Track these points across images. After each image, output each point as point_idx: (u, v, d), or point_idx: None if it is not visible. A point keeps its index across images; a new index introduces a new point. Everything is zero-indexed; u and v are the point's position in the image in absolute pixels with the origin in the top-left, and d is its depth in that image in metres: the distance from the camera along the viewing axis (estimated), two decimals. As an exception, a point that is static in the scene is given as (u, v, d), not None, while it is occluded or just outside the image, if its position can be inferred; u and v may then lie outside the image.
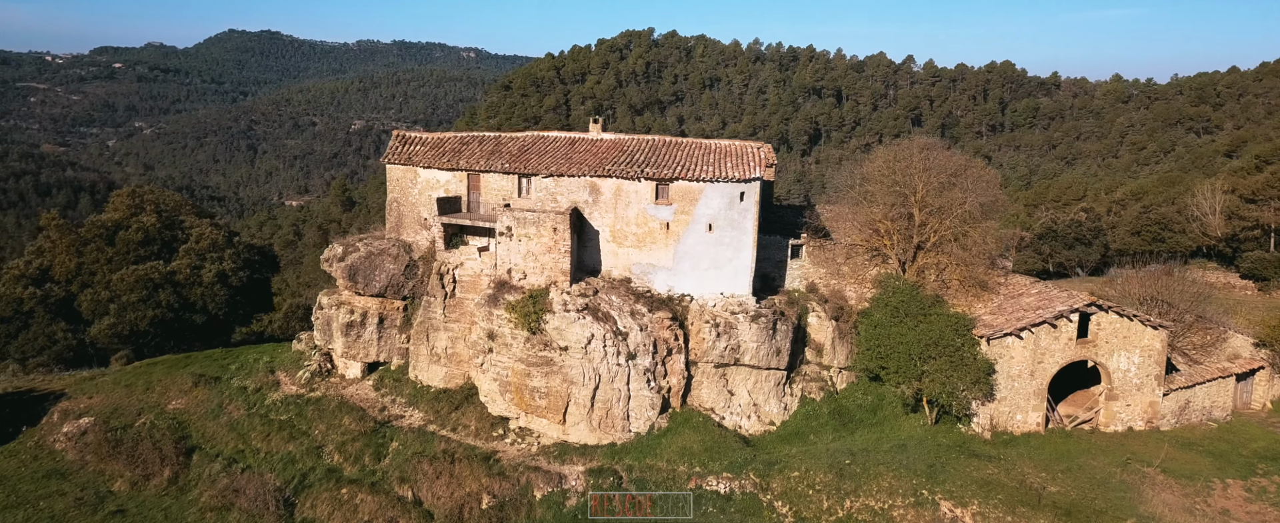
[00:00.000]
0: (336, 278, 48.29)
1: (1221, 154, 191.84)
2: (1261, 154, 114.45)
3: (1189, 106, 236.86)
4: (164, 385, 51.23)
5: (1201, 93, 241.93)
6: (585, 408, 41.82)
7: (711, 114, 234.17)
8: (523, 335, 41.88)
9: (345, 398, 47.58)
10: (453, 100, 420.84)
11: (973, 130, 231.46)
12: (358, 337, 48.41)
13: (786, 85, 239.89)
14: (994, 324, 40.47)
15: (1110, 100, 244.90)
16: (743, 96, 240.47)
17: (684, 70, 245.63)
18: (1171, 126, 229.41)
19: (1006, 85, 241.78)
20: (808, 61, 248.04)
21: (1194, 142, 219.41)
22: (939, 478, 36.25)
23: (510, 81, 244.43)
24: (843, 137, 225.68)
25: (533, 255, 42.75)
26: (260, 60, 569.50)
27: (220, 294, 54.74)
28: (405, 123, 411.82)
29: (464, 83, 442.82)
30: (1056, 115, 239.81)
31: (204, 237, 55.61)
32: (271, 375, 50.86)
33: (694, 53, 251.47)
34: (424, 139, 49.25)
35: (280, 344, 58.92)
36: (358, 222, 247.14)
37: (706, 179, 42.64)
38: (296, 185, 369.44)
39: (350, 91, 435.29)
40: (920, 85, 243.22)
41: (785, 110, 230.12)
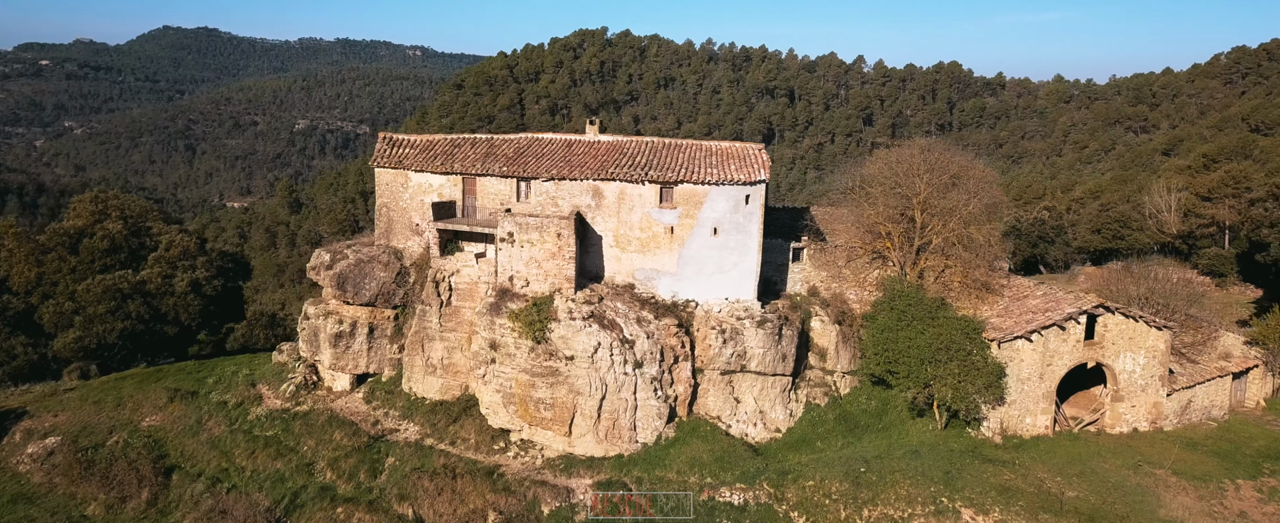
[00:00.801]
0: (324, 287, 46.34)
1: (1159, 152, 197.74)
2: (1208, 152, 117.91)
3: (1127, 106, 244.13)
4: (136, 401, 48.66)
5: (1138, 93, 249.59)
6: (592, 419, 40.67)
7: (667, 114, 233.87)
8: (527, 345, 40.57)
9: (335, 412, 45.69)
10: (400, 99, 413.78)
11: (922, 130, 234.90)
12: (347, 348, 46.51)
13: (740, 85, 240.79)
14: (1003, 327, 40.43)
15: (1053, 100, 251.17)
16: (697, 96, 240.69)
17: (638, 70, 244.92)
18: (1111, 126, 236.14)
19: (954, 85, 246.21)
20: (760, 62, 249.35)
21: (1133, 140, 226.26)
22: (957, 485, 35.94)
23: (462, 80, 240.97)
24: (796, 136, 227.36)
25: (536, 262, 41.46)
26: (197, 58, 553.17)
27: (194, 304, 52.19)
28: (351, 122, 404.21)
29: (411, 81, 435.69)
30: (1002, 115, 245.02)
31: (174, 244, 52.95)
32: (252, 389, 48.64)
33: (648, 52, 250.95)
34: (413, 141, 47.56)
35: (256, 356, 56.55)
36: (307, 224, 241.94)
37: (711, 182, 41.83)
38: (238, 186, 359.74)
39: (293, 90, 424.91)
40: (871, 85, 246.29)
41: (739, 110, 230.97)
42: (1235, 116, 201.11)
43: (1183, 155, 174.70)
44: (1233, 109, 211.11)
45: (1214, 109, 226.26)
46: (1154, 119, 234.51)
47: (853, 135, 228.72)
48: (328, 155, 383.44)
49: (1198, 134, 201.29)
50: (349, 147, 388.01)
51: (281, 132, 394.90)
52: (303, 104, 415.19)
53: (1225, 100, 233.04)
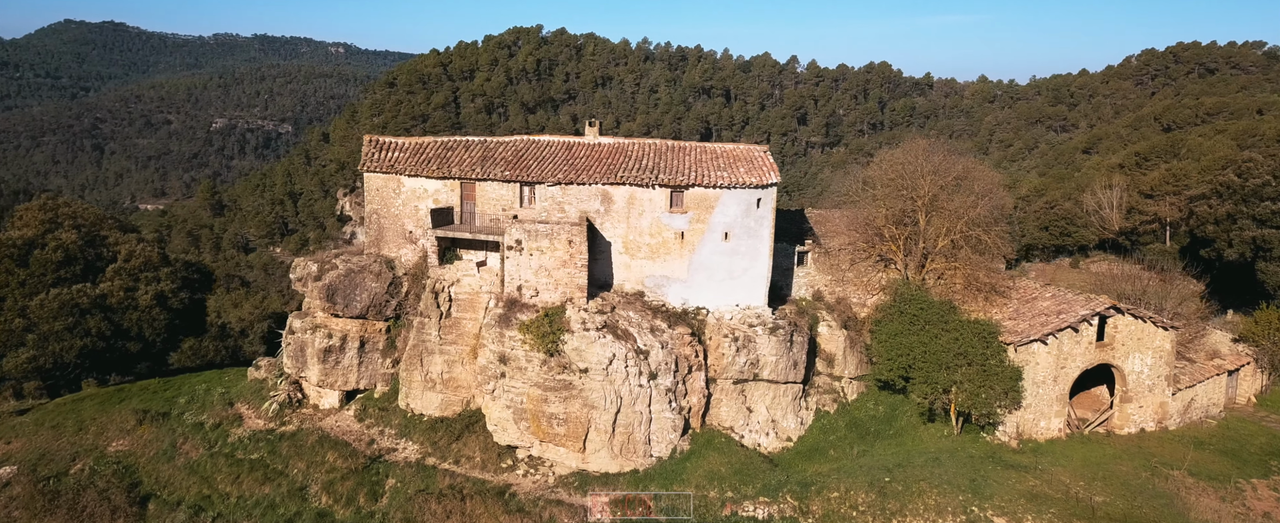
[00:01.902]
0: (312, 299, 43.72)
1: (1080, 150, 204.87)
2: (1141, 151, 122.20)
3: (1047, 106, 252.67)
4: (100, 425, 45.21)
5: (1057, 93, 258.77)
6: (606, 434, 39.21)
7: (605, 113, 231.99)
8: (539, 358, 38.87)
9: (325, 431, 43.15)
10: (324, 97, 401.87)
11: (855, 129, 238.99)
12: (336, 363, 43.99)
13: (677, 85, 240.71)
14: (1017, 330, 40.48)
15: (978, 100, 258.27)
16: (635, 96, 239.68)
17: (575, 69, 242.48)
18: (1033, 125, 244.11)
19: (885, 85, 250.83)
20: (696, 61, 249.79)
21: (1055, 139, 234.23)
22: (984, 493, 35.65)
23: (394, 78, 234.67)
24: (733, 135, 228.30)
25: (546, 270, 39.78)
26: (103, 53, 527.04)
27: (160, 318, 48.71)
28: (272, 121, 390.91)
29: (335, 79, 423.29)
30: (931, 114, 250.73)
31: (135, 254, 49.33)
32: (231, 408, 45.68)
33: (584, 51, 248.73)
34: (402, 144, 45.29)
35: (225, 371, 53.29)
36: (232, 227, 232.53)
37: (723, 185, 40.84)
38: (152, 188, 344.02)
39: (209, 88, 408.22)
40: (805, 85, 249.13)
41: (678, 110, 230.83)
42: (1148, 116, 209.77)
43: (1104, 153, 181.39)
44: (1146, 109, 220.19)
45: (1128, 109, 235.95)
46: (1073, 118, 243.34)
47: (788, 135, 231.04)
48: (248, 155, 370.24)
49: (1115, 133, 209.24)
50: (270, 146, 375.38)
51: (197, 131, 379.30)
52: (220, 102, 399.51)
53: (1138, 100, 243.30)
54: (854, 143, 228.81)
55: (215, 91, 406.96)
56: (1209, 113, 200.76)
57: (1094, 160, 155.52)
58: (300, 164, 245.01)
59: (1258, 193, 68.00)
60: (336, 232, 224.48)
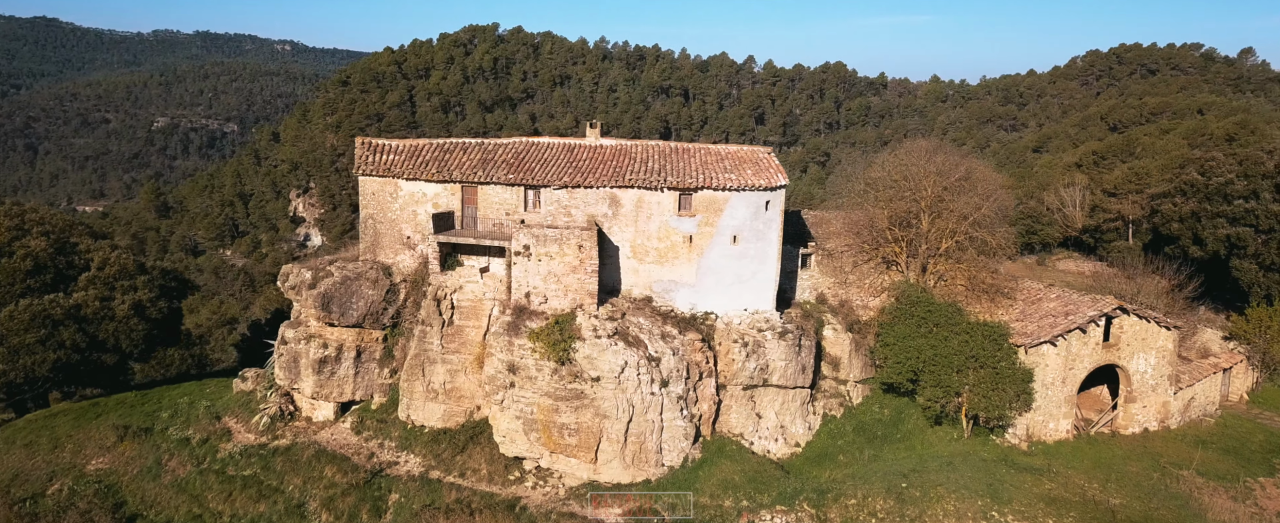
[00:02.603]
0: (306, 308, 42.06)
1: (1031, 149, 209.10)
2: (1098, 150, 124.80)
3: (997, 106, 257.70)
4: (77, 442, 43.06)
5: (1006, 93, 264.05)
6: (618, 444, 38.33)
7: (564, 112, 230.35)
8: (550, 367, 37.83)
9: (321, 445, 41.56)
10: (270, 96, 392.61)
11: (812, 128, 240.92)
12: (331, 374, 42.40)
13: (636, 84, 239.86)
14: (1026, 331, 40.59)
15: (931, 100, 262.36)
16: (594, 95, 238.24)
17: (533, 67, 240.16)
18: (985, 124, 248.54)
19: (840, 85, 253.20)
20: (655, 61, 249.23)
21: (1006, 137, 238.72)
22: (1002, 497, 35.51)
23: (348, 77, 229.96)
24: (692, 135, 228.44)
25: (555, 276, 38.74)
26: (34, 50, 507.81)
27: (138, 329, 46.44)
28: (217, 120, 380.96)
29: (282, 77, 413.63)
30: (886, 113, 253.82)
31: (109, 262, 46.96)
32: (218, 423, 43.81)
33: (542, 50, 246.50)
34: (396, 147, 43.83)
35: (204, 383, 51.17)
36: (180, 229, 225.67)
37: (732, 188, 40.23)
38: (90, 189, 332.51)
39: (149, 86, 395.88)
40: (762, 85, 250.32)
41: (637, 109, 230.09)
42: (1095, 116, 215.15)
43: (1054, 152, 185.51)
44: (1092, 109, 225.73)
45: (1075, 108, 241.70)
46: (1022, 117, 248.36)
47: (746, 134, 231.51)
48: (192, 155, 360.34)
49: (1064, 132, 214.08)
50: (215, 146, 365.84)
51: (138, 130, 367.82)
52: (161, 100, 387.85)
53: (1084, 100, 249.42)
54: (811, 142, 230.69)
55: (156, 90, 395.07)
56: (1153, 112, 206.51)
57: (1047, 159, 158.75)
58: (250, 164, 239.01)
59: (1221, 191, 69.64)
60: (290, 234, 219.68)
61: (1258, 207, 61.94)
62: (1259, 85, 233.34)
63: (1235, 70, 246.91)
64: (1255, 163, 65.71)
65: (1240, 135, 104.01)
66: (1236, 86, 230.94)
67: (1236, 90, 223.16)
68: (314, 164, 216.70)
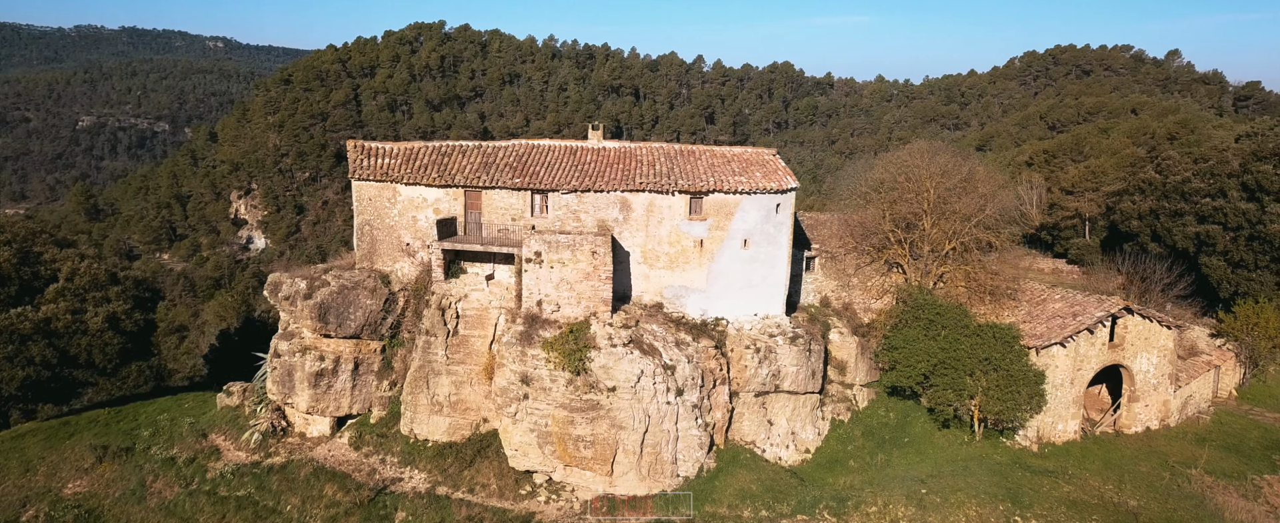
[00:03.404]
0: (301, 319, 40.15)
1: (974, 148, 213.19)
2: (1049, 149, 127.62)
3: (940, 105, 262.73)
4: (50, 464, 40.47)
5: (949, 93, 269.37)
6: (634, 455, 37.37)
7: (514, 111, 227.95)
8: (564, 377, 36.69)
9: (319, 462, 39.73)
10: (204, 94, 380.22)
11: (761, 128, 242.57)
12: (328, 387, 40.59)
13: (586, 83, 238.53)
14: (1035, 333, 40.77)
15: (876, 99, 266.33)
16: (544, 93, 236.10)
17: (481, 66, 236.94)
18: (929, 123, 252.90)
19: (788, 85, 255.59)
20: (604, 60, 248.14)
21: (950, 136, 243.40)
22: (1023, 501, 35.44)
23: (290, 75, 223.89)
24: (644, 134, 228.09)
25: (567, 283, 37.60)
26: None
27: (112, 343, 43.88)
28: (146, 119, 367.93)
29: (215, 75, 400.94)
30: (833, 113, 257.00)
31: (80, 272, 44.28)
32: (204, 440, 41.63)
33: (489, 48, 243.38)
34: (391, 150, 42.16)
35: (182, 398, 48.67)
36: (114, 232, 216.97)
37: (743, 191, 39.59)
38: (10, 191, 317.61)
39: (73, 83, 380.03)
40: (711, 85, 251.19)
41: (588, 108, 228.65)
42: (1034, 115, 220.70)
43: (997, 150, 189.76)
44: (1032, 108, 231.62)
45: (1015, 107, 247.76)
46: (965, 117, 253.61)
47: (697, 134, 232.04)
48: (121, 155, 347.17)
49: (1006, 131, 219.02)
50: (146, 146, 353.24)
51: (61, 129, 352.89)
52: (86, 98, 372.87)
53: (1023, 100, 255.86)
54: (761, 141, 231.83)
55: (80, 87, 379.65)
56: (1090, 112, 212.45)
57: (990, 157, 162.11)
58: (187, 165, 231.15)
59: (1179, 189, 71.58)
60: (232, 237, 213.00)
61: (1226, 205, 63.72)
62: (1185, 86, 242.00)
63: (1163, 71, 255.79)
64: (1220, 162, 67.61)
65: (1181, 134, 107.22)
66: (1165, 87, 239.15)
67: (1165, 91, 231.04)
68: (256, 165, 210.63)
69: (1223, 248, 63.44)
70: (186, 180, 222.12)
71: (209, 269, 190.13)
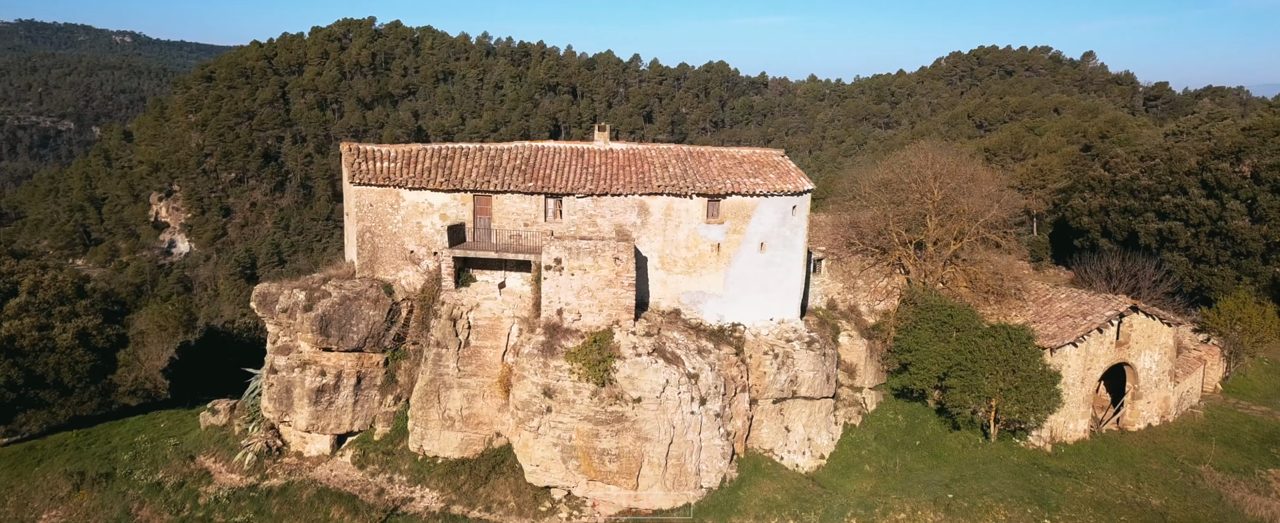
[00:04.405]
0: (300, 332, 37.81)
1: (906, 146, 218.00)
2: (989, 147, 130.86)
3: (872, 105, 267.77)
4: (20, 493, 37.35)
5: (879, 92, 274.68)
6: (660, 467, 36.23)
7: (449, 109, 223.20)
8: (589, 389, 35.31)
9: (322, 483, 37.48)
10: (112, 91, 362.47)
11: (698, 126, 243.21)
12: (329, 404, 38.35)
13: (522, 81, 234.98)
14: (1047, 333, 41.08)
15: (810, 98, 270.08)
16: (479, 92, 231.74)
17: (414, 63, 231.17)
18: (861, 122, 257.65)
19: (724, 84, 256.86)
20: (540, 58, 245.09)
21: (882, 135, 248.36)
22: (1050, 504, 35.36)
23: (212, 72, 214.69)
24: (583, 133, 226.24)
25: (589, 291, 36.24)
26: None
27: (83, 360, 40.62)
28: (49, 117, 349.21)
29: (124, 71, 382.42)
30: (768, 112, 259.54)
31: (44, 285, 40.87)
32: (192, 463, 38.92)
33: (422, 45, 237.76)
34: (390, 153, 40.11)
35: (154, 416, 45.49)
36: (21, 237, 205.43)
37: (760, 193, 38.85)
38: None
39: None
40: (649, 83, 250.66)
41: (525, 106, 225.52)
42: (962, 114, 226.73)
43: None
44: (959, 107, 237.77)
45: (943, 106, 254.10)
46: (895, 115, 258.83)
47: (635, 132, 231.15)
48: (21, 156, 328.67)
49: (935, 129, 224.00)
50: (49, 145, 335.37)
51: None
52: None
53: (950, 99, 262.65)
54: (699, 141, 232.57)
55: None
56: (1015, 111, 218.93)
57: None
58: (100, 166, 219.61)
59: (1127, 186, 73.93)
60: (153, 241, 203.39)
61: (1187, 202, 65.92)
62: (1100, 86, 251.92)
63: (1080, 72, 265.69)
64: (1179, 160, 69.92)
65: (1111, 132, 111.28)
66: (1082, 87, 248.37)
67: (1082, 90, 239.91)
68: (177, 165, 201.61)
69: (1185, 244, 65.62)
70: (101, 182, 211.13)
71: (130, 275, 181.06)
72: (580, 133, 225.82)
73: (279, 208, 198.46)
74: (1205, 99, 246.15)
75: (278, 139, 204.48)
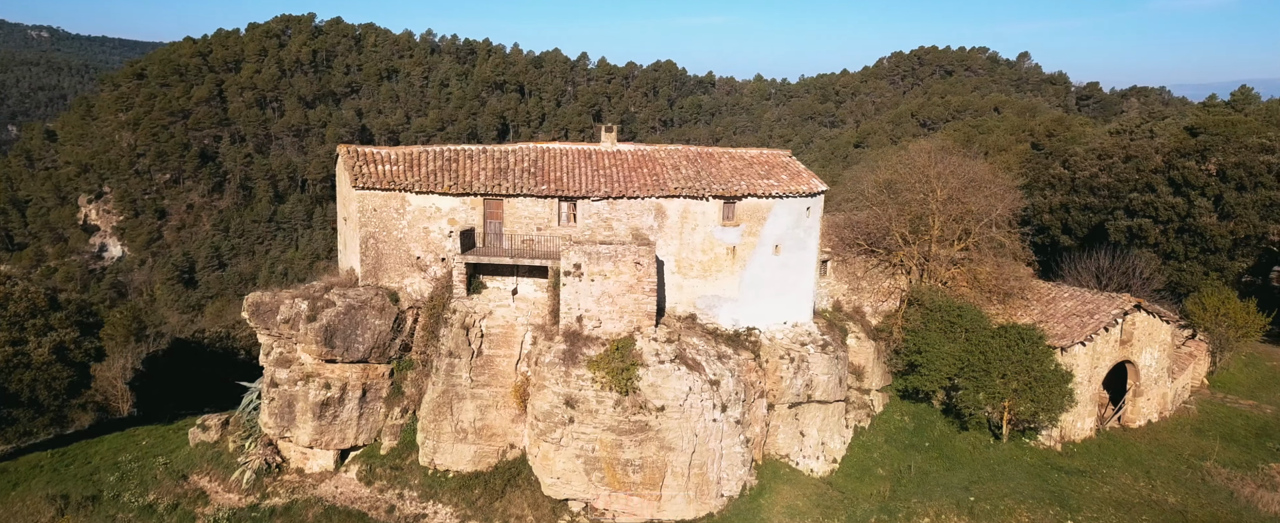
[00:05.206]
0: (304, 344, 35.93)
1: (852, 145, 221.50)
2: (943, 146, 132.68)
3: (817, 104, 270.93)
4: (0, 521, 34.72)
5: (824, 91, 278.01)
6: (683, 477, 35.33)
7: (393, 108, 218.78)
8: (612, 398, 34.22)
9: (328, 501, 35.72)
10: (29, 89, 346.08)
11: (648, 126, 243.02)
12: (334, 417, 36.56)
13: (468, 79, 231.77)
14: (1055, 332, 41.35)
15: (756, 97, 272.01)
16: (424, 90, 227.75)
17: (357, 61, 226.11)
18: (807, 121, 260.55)
19: (672, 83, 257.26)
20: (486, 56, 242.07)
21: (828, 134, 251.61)
22: (1072, 505, 35.36)
23: (144, 69, 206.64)
24: (531, 132, 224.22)
25: (609, 297, 35.16)
26: None
27: (61, 376, 37.99)
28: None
29: (42, 67, 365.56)
30: (716, 111, 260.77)
31: (14, 297, 38.12)
32: (185, 483, 36.77)
33: (364, 42, 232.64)
34: (391, 156, 38.44)
35: (132, 433, 42.94)
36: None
37: (775, 195, 38.27)
38: None
39: None
40: (597, 82, 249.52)
41: (472, 105, 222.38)
42: (906, 113, 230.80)
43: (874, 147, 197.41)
44: (903, 106, 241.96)
45: (886, 106, 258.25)
46: (840, 115, 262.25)
47: (585, 131, 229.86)
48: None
49: (881, 129, 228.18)
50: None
51: None
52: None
53: (893, 98, 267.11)
54: (649, 140, 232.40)
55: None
56: (957, 110, 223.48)
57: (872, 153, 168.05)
58: (21, 166, 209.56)
59: (1087, 184, 75.71)
60: (83, 245, 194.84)
61: (1155, 199, 67.58)
62: (1036, 86, 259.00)
63: (1016, 72, 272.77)
64: (1145, 158, 71.74)
65: (1058, 131, 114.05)
66: (1018, 87, 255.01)
67: (1019, 90, 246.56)
68: (108, 166, 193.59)
69: (1154, 240, 67.28)
70: (23, 183, 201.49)
71: (59, 280, 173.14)
72: (529, 132, 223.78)
73: (218, 210, 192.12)
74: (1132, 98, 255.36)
75: (215, 138, 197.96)
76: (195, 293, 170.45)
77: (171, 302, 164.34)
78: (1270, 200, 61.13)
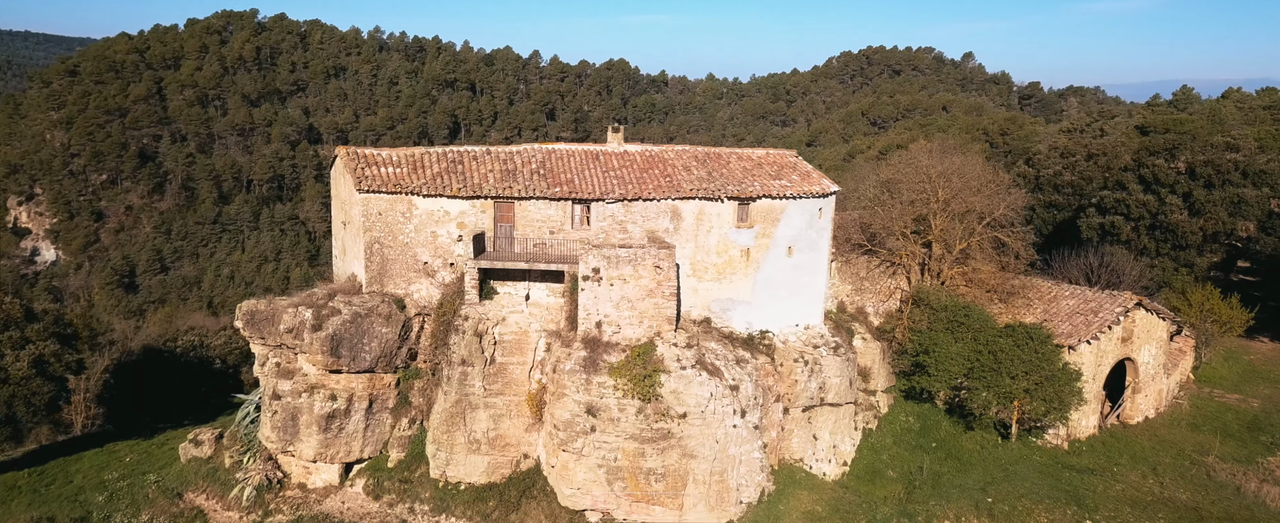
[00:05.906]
0: (309, 354, 34.26)
1: (805, 144, 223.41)
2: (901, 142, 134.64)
3: (769, 103, 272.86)
4: (-23, 551, 32.46)
5: (775, 91, 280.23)
6: (704, 485, 34.60)
7: (342, 106, 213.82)
8: (634, 405, 33.30)
9: (335, 517, 34.16)
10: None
11: (601, 125, 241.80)
12: (340, 430, 34.97)
13: (418, 77, 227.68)
14: (1060, 331, 41.58)
15: (709, 97, 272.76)
16: (373, 88, 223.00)
17: (303, 58, 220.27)
18: (759, 120, 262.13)
19: (625, 82, 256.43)
20: (436, 53, 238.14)
21: (780, 132, 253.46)
22: (1088, 504, 35.46)
23: (76, 65, 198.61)
24: (484, 131, 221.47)
25: (629, 302, 34.20)
26: None
27: (42, 391, 35.69)
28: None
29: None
30: (669, 110, 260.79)
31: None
32: (180, 501, 34.86)
33: (310, 39, 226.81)
34: (393, 158, 36.98)
35: (113, 448, 40.60)
36: None
37: (789, 196, 37.77)
38: None
39: None
40: (550, 81, 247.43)
41: (423, 103, 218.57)
42: (856, 112, 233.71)
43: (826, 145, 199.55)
44: (853, 105, 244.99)
45: (837, 105, 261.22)
46: (792, 114, 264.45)
47: (538, 130, 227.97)
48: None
49: (832, 127, 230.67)
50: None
51: None
52: None
53: (843, 97, 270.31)
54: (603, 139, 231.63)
55: None
56: (906, 109, 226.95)
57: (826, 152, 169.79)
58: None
59: (1051, 182, 77.18)
60: (14, 248, 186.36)
61: (1127, 197, 69.00)
62: (980, 85, 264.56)
63: (961, 71, 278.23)
64: (1114, 156, 73.22)
65: (1011, 129, 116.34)
66: (964, 86, 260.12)
67: (964, 89, 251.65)
68: (39, 166, 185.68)
69: (1125, 237, 68.69)
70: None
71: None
72: (481, 131, 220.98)
73: (159, 211, 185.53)
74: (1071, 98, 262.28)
75: (155, 138, 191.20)
76: (136, 298, 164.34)
77: (112, 307, 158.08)
78: (1238, 197, 62.76)
